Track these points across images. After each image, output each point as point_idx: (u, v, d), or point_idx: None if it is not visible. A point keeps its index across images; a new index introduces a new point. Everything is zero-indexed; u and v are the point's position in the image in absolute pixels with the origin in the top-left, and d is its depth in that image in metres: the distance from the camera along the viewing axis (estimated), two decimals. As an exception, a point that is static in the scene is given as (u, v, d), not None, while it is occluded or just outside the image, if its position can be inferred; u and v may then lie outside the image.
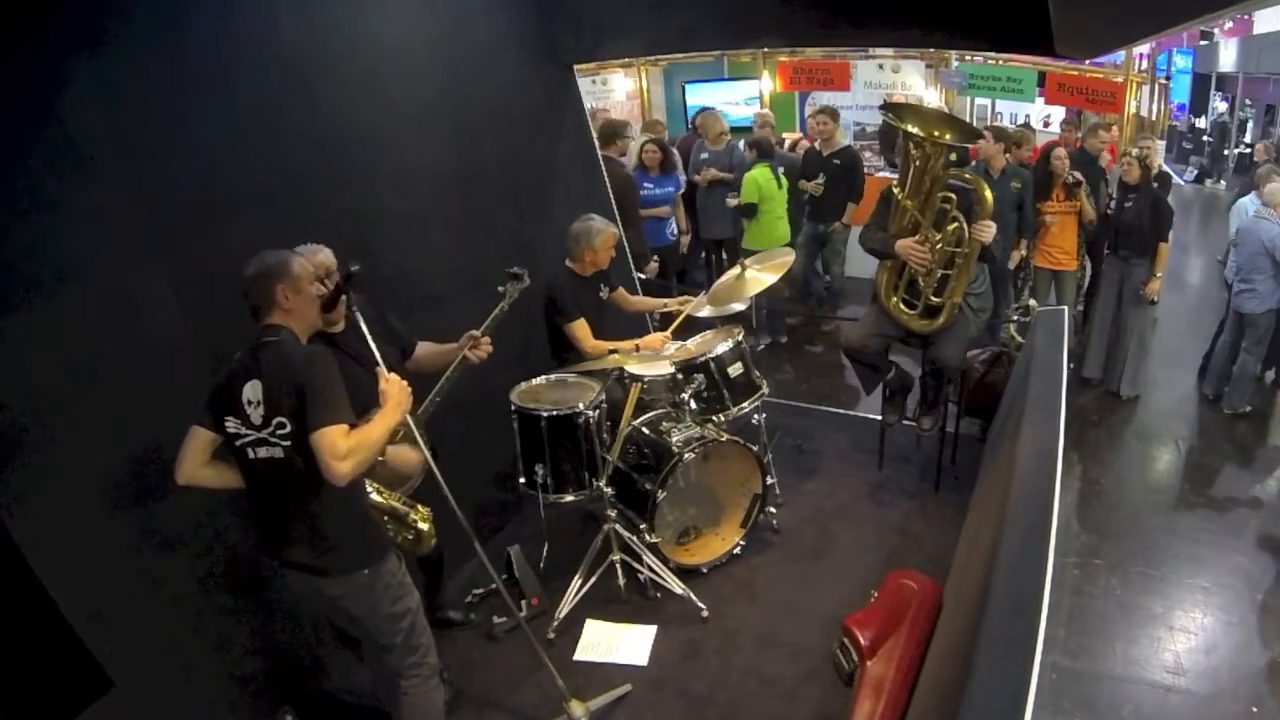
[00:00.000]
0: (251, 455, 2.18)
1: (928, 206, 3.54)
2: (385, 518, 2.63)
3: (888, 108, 3.98)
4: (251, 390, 2.14)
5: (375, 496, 2.59)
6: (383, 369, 2.35)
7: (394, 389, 2.27)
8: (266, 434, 2.15)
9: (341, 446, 2.04)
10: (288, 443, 2.14)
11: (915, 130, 3.43)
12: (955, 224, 3.49)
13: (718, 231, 6.73)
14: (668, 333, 3.92)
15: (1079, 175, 5.32)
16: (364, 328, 2.45)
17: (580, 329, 3.70)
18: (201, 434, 2.21)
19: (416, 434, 2.51)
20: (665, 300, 4.16)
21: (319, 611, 2.83)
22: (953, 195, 3.50)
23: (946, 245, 3.54)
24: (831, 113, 6.47)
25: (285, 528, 2.26)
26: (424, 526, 2.72)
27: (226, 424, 2.18)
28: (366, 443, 2.10)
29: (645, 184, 6.02)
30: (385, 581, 2.33)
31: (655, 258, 5.91)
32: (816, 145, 6.52)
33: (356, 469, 2.07)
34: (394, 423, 2.24)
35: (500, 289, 2.91)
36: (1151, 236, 4.98)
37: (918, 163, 3.48)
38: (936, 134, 3.40)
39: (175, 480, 2.21)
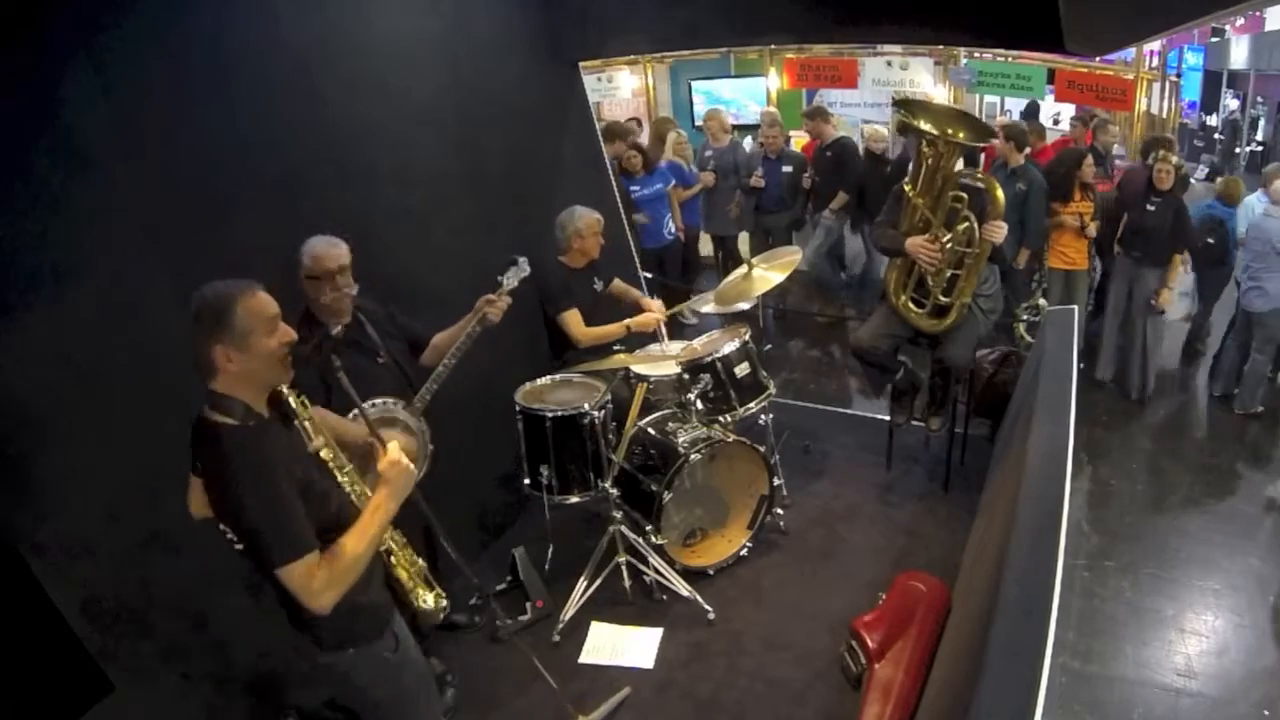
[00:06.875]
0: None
1: (939, 205, 3.51)
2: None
3: (900, 104, 3.93)
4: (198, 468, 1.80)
5: (389, 559, 2.14)
6: (386, 445, 1.93)
7: (394, 473, 1.87)
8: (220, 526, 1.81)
9: (315, 583, 1.70)
10: (240, 548, 1.79)
11: (928, 128, 3.39)
12: (966, 224, 3.47)
13: (722, 229, 6.71)
14: (662, 313, 3.87)
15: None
16: (345, 382, 2.03)
17: (572, 318, 3.68)
18: (196, 479, 1.88)
19: (410, 421, 2.47)
20: (653, 310, 3.93)
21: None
22: (964, 195, 3.47)
23: (957, 245, 3.51)
24: (817, 114, 6.61)
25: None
26: (426, 607, 2.16)
27: None
28: (349, 564, 1.76)
29: (631, 188, 5.93)
30: (376, 665, 2.01)
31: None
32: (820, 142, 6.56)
33: (341, 594, 1.75)
34: (388, 518, 1.86)
35: (500, 278, 2.89)
36: (1169, 244, 4.94)
37: (930, 161, 3.45)
38: (950, 132, 3.37)
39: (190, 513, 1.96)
